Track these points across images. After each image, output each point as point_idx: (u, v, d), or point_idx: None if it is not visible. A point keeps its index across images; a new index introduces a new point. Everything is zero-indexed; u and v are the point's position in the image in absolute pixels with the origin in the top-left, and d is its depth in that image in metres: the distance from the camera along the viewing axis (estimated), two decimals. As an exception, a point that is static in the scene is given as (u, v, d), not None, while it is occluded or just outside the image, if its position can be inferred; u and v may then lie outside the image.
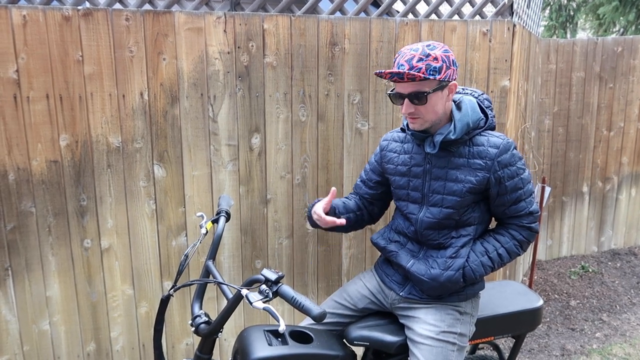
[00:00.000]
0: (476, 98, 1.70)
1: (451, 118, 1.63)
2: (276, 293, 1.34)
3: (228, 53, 2.27)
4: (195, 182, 2.35)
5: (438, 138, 1.60)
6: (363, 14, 2.47)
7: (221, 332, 1.51)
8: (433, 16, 2.55)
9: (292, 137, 2.41)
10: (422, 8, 7.27)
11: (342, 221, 1.68)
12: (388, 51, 2.40)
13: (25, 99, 2.11)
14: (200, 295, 1.60)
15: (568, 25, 10.73)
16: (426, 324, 1.66)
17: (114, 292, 2.36)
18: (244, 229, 2.45)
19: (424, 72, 1.50)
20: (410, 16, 2.50)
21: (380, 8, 2.46)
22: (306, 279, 2.57)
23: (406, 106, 1.56)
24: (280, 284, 1.35)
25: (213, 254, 1.66)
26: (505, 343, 3.05)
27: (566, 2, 10.64)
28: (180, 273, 1.58)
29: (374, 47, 2.39)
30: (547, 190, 3.21)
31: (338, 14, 2.42)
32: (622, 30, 8.90)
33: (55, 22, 2.08)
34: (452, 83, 1.59)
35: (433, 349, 1.62)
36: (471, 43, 2.43)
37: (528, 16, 3.09)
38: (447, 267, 1.64)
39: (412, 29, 2.40)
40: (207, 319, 1.53)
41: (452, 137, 1.59)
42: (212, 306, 2.49)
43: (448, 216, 1.64)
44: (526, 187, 1.64)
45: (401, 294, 1.74)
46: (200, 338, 1.53)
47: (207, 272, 1.62)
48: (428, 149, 1.62)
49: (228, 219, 1.79)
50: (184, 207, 2.36)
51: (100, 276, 2.33)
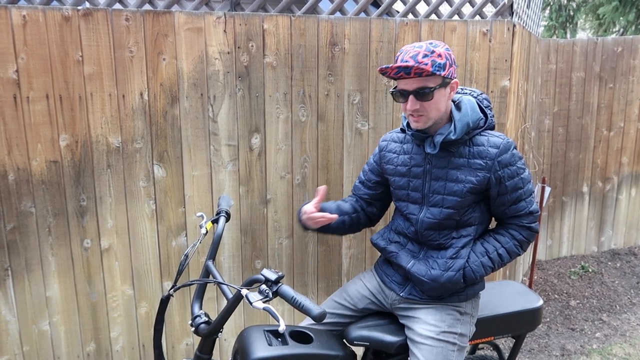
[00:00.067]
0: (475, 98, 1.70)
1: (451, 118, 1.63)
2: (276, 293, 1.34)
3: (228, 53, 2.27)
4: (195, 182, 2.35)
5: (438, 138, 1.60)
6: (363, 14, 2.47)
7: (221, 332, 1.51)
8: (433, 16, 2.55)
9: (292, 137, 2.41)
10: (422, 8, 7.26)
11: (333, 216, 1.67)
12: (388, 51, 2.40)
13: (25, 99, 2.11)
14: (200, 295, 1.60)
15: (568, 25, 10.73)
16: (426, 324, 1.66)
17: (114, 292, 2.36)
18: (244, 229, 2.45)
19: (430, 68, 1.51)
20: (410, 16, 2.50)
21: (380, 8, 2.46)
22: (306, 279, 2.57)
23: (411, 103, 1.55)
24: (280, 284, 1.35)
25: (213, 254, 1.66)
26: (505, 343, 3.04)
27: (566, 2, 10.64)
28: (180, 273, 1.58)
29: (374, 47, 2.39)
30: (547, 190, 3.21)
31: (338, 14, 2.42)
32: (622, 30, 8.90)
33: (55, 22, 2.08)
34: (454, 81, 1.60)
35: (433, 349, 1.62)
36: (471, 43, 2.43)
37: (528, 16, 3.09)
38: (448, 268, 1.64)
39: (412, 29, 2.40)
40: (207, 319, 1.53)
41: (453, 137, 1.59)
42: (212, 306, 2.49)
43: (448, 216, 1.64)
44: (526, 187, 1.64)
45: (401, 295, 1.74)
46: (200, 338, 1.53)
47: (207, 272, 1.62)
48: (428, 149, 1.62)
49: (228, 219, 1.79)
50: (184, 207, 2.36)
51: (100, 276, 2.33)
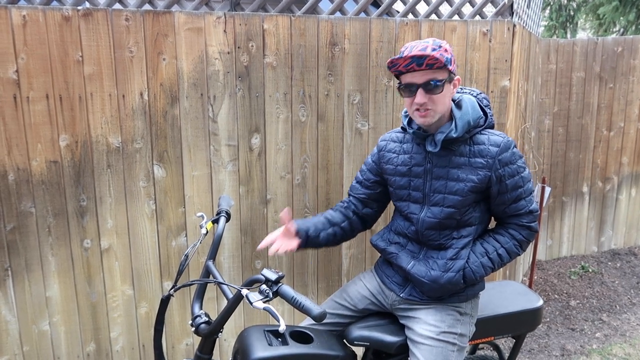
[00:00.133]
0: (475, 97, 1.70)
1: (451, 117, 1.64)
2: (276, 293, 1.34)
3: (228, 53, 2.27)
4: (195, 183, 2.35)
5: (439, 136, 1.60)
6: (363, 14, 2.47)
7: (221, 332, 1.51)
8: (433, 16, 2.55)
9: (292, 137, 2.41)
10: (422, 8, 7.27)
11: (291, 225, 1.69)
12: (388, 51, 2.40)
13: (25, 99, 2.11)
14: (200, 295, 1.60)
15: (568, 25, 10.73)
16: (426, 324, 1.66)
17: (114, 293, 2.36)
18: (244, 229, 2.45)
19: (443, 59, 1.51)
20: (410, 16, 2.50)
21: (380, 8, 2.46)
22: (306, 279, 2.56)
23: (420, 96, 1.54)
24: (280, 284, 1.35)
25: (213, 254, 1.66)
26: (505, 343, 3.04)
27: (566, 2, 10.64)
28: (180, 273, 1.58)
29: (374, 47, 2.39)
30: (547, 190, 3.21)
31: (338, 14, 2.42)
32: (622, 30, 8.90)
33: (55, 23, 2.08)
34: (457, 78, 1.61)
35: (433, 349, 1.62)
36: (471, 43, 2.43)
37: (528, 16, 3.09)
38: (448, 269, 1.63)
39: (412, 29, 2.40)
40: (208, 319, 1.53)
41: (454, 135, 1.59)
42: (212, 306, 2.49)
43: (449, 216, 1.64)
44: (526, 186, 1.65)
45: (401, 295, 1.74)
46: (200, 338, 1.53)
47: (207, 272, 1.62)
48: (430, 148, 1.62)
49: (228, 219, 1.79)
50: (184, 208, 2.36)
51: (100, 276, 2.33)
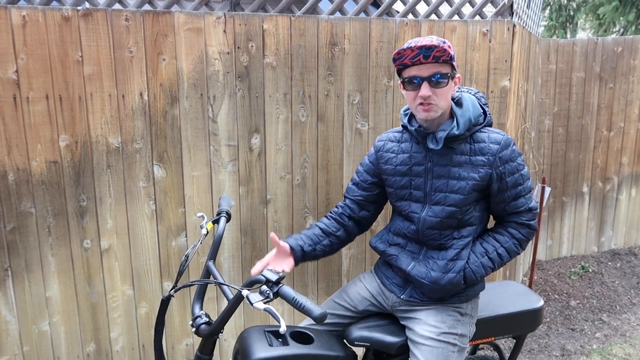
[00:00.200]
0: (473, 95, 1.71)
1: (451, 115, 1.64)
2: (277, 294, 1.34)
3: (228, 53, 2.27)
4: (195, 183, 2.35)
5: (441, 134, 1.60)
6: (363, 14, 2.47)
7: (222, 333, 1.51)
8: (433, 16, 2.55)
9: (292, 138, 2.41)
10: (422, 8, 7.27)
11: (283, 245, 1.71)
12: (388, 51, 2.40)
13: (24, 100, 2.10)
14: (200, 295, 1.60)
15: (568, 25, 10.73)
16: (427, 325, 1.66)
17: (114, 293, 2.35)
18: (244, 230, 2.44)
19: (451, 52, 1.51)
20: (410, 16, 2.50)
21: (380, 8, 2.46)
22: (306, 280, 2.56)
23: (424, 89, 1.54)
24: (280, 285, 1.35)
25: (213, 255, 1.66)
26: (505, 343, 3.04)
27: (566, 2, 10.64)
28: (180, 274, 1.58)
29: (374, 48, 2.39)
30: (547, 190, 3.21)
31: (338, 14, 2.41)
32: (622, 30, 8.90)
33: (54, 23, 2.08)
34: (458, 76, 1.61)
35: (434, 350, 1.62)
36: (471, 43, 2.43)
37: (528, 16, 3.09)
38: (448, 270, 1.63)
39: (412, 29, 2.40)
40: (208, 320, 1.53)
41: (456, 133, 1.59)
42: (212, 306, 2.48)
43: (451, 215, 1.63)
44: (526, 184, 1.65)
45: (402, 297, 1.74)
46: (200, 339, 1.53)
47: (208, 273, 1.62)
48: (431, 145, 1.62)
49: (229, 220, 1.78)
50: (184, 208, 2.36)
51: (100, 277, 2.32)
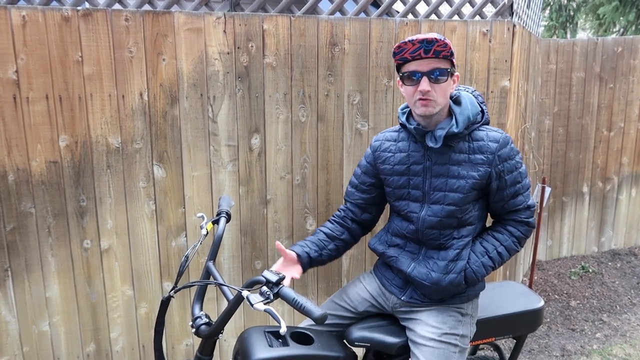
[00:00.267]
0: (470, 94, 1.70)
1: (450, 113, 1.63)
2: (277, 295, 1.34)
3: (228, 53, 2.26)
4: (195, 183, 2.35)
5: (440, 132, 1.59)
6: (363, 14, 2.46)
7: (222, 334, 1.50)
8: (433, 16, 2.54)
9: (292, 138, 2.41)
10: (422, 8, 7.27)
11: (290, 254, 1.73)
12: (388, 51, 2.40)
13: (24, 100, 2.10)
14: (200, 296, 1.59)
15: (568, 25, 10.73)
16: (428, 326, 1.66)
17: (114, 293, 2.35)
18: (244, 230, 2.44)
19: (451, 47, 1.51)
20: (410, 16, 2.50)
21: (380, 8, 2.45)
22: (306, 280, 2.56)
23: (424, 84, 1.53)
24: (281, 286, 1.34)
25: (213, 255, 1.66)
26: (505, 344, 3.04)
27: (566, 2, 10.64)
28: (180, 274, 1.57)
29: (374, 48, 2.39)
30: (547, 190, 3.21)
31: (338, 15, 2.41)
32: (622, 30, 8.90)
33: (54, 23, 2.07)
34: (456, 74, 1.60)
35: (435, 351, 1.61)
36: (471, 43, 2.42)
37: (528, 16, 3.09)
38: (449, 271, 1.63)
39: (412, 29, 2.40)
40: (208, 320, 1.53)
41: (455, 131, 1.58)
42: (212, 307, 2.48)
43: (450, 214, 1.63)
44: (524, 181, 1.65)
45: (402, 299, 1.73)
46: (200, 339, 1.52)
47: (208, 273, 1.62)
48: (430, 144, 1.61)
49: (228, 220, 1.78)
50: (184, 208, 2.36)
51: (100, 277, 2.32)
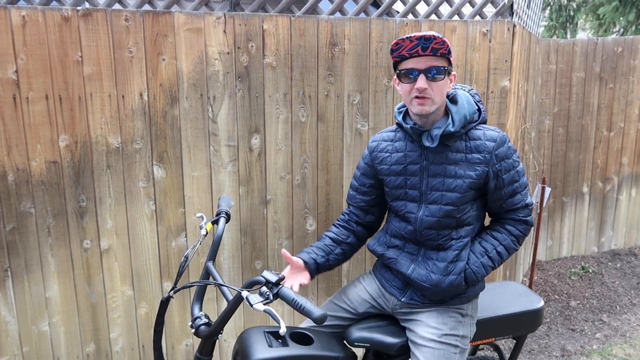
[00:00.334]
0: (467, 92, 1.70)
1: (447, 112, 1.63)
2: (277, 295, 1.34)
3: (228, 53, 2.26)
4: (194, 183, 2.35)
5: (437, 131, 1.58)
6: (363, 15, 2.46)
7: (221, 334, 1.50)
8: (433, 16, 2.54)
9: (292, 138, 2.41)
10: (422, 8, 7.27)
11: (297, 261, 1.73)
12: (388, 52, 2.39)
13: (24, 100, 2.10)
14: (200, 296, 1.59)
15: (568, 25, 10.73)
16: (428, 327, 1.65)
17: (114, 293, 2.35)
18: (244, 230, 2.44)
19: (449, 45, 1.51)
20: (410, 16, 2.49)
21: (380, 8, 2.45)
22: (306, 280, 2.56)
23: (421, 81, 1.53)
24: (280, 286, 1.34)
25: (213, 255, 1.66)
26: (505, 344, 3.04)
27: (566, 2, 10.64)
28: (180, 275, 1.57)
29: (374, 48, 2.39)
30: (547, 190, 3.20)
31: (338, 15, 2.41)
32: (622, 30, 8.90)
33: (54, 23, 2.07)
34: (453, 73, 1.60)
35: (435, 352, 1.61)
36: (471, 43, 2.42)
37: (528, 16, 3.09)
38: (449, 272, 1.62)
39: (412, 30, 2.40)
40: (207, 321, 1.53)
41: (452, 130, 1.58)
42: (212, 307, 2.48)
43: (448, 214, 1.62)
44: (521, 180, 1.65)
45: (402, 300, 1.73)
46: (200, 339, 1.52)
47: (207, 274, 1.62)
48: (427, 143, 1.60)
49: (228, 220, 1.78)
50: (184, 208, 2.35)
51: (99, 277, 2.32)
